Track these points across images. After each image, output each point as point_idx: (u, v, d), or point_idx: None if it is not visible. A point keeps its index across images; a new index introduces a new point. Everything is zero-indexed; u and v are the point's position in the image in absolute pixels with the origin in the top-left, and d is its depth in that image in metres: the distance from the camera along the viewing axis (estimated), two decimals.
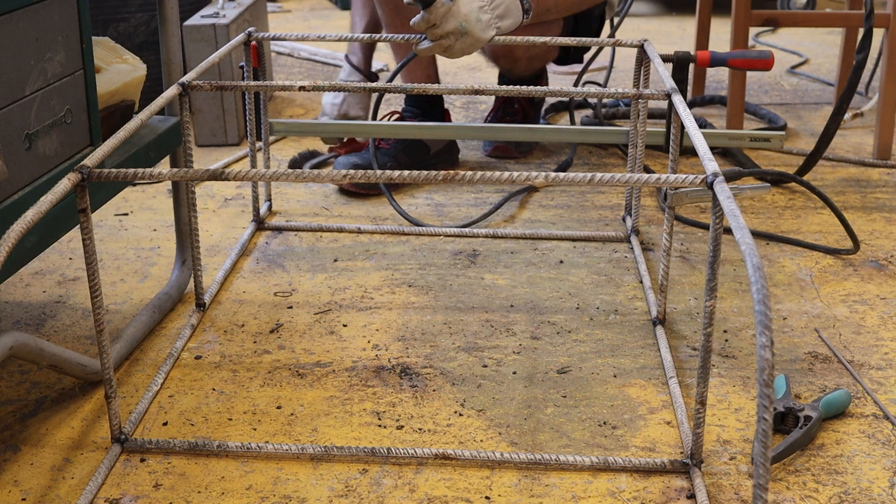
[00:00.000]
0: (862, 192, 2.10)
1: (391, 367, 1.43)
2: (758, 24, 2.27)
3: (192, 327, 1.52)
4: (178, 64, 1.57)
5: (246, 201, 2.05)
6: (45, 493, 1.16)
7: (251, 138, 1.86)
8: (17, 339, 1.16)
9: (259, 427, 1.29)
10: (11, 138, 1.16)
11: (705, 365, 1.14)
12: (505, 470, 1.20)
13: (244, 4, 2.50)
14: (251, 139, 1.86)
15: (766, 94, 2.87)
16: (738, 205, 1.00)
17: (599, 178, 1.09)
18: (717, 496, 1.15)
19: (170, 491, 1.16)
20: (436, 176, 1.09)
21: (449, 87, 1.54)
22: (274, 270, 1.74)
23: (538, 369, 1.42)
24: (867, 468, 1.20)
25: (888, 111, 2.26)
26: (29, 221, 0.98)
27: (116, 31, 2.42)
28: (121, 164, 1.39)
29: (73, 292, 1.66)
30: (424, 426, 1.29)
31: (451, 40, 1.74)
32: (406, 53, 2.02)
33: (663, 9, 4.20)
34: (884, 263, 1.76)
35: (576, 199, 2.06)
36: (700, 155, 1.18)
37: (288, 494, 1.15)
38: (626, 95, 1.56)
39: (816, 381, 1.39)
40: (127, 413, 1.31)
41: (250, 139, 1.86)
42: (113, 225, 1.95)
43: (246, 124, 1.87)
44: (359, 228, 1.91)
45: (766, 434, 0.77)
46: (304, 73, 3.17)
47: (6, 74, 1.14)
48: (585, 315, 1.58)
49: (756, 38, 3.56)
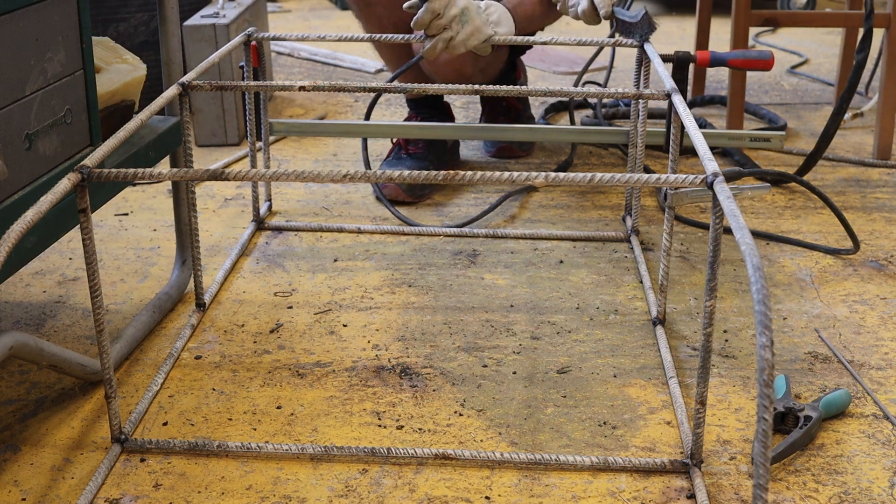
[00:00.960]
0: (862, 192, 2.10)
1: (391, 367, 1.43)
2: (758, 24, 2.27)
3: (192, 327, 1.52)
4: (178, 64, 1.57)
5: (246, 201, 2.05)
6: (45, 493, 1.16)
7: (251, 138, 1.86)
8: (17, 339, 1.16)
9: (259, 427, 1.29)
10: (11, 138, 1.16)
11: (705, 365, 1.14)
12: (505, 470, 1.20)
13: (244, 4, 2.50)
14: (251, 139, 1.86)
15: (766, 94, 2.87)
16: (738, 205, 1.00)
17: (599, 178, 1.09)
18: (717, 496, 1.15)
19: (170, 491, 1.16)
20: (436, 176, 1.09)
21: (449, 86, 1.54)
22: (274, 270, 1.74)
23: (538, 369, 1.42)
24: (867, 468, 1.20)
25: (888, 111, 2.26)
26: (29, 221, 0.98)
27: (116, 31, 2.42)
28: (121, 164, 1.39)
29: (73, 292, 1.66)
30: (424, 426, 1.29)
31: (454, 30, 1.75)
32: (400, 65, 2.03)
33: (663, 9, 4.20)
34: (884, 263, 1.76)
35: (576, 199, 2.06)
36: (700, 155, 1.18)
37: (288, 494, 1.15)
38: (626, 95, 1.55)
39: (816, 381, 1.39)
40: (127, 413, 1.31)
41: (250, 139, 1.86)
42: (113, 225, 1.95)
43: (246, 124, 1.87)
44: (359, 228, 1.91)
45: (766, 434, 0.77)
46: (304, 73, 3.17)
47: (6, 74, 1.14)
48: (585, 315, 1.58)
49: (756, 38, 3.56)
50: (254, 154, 1.86)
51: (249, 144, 1.86)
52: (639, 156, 1.78)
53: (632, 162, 1.82)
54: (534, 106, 2.73)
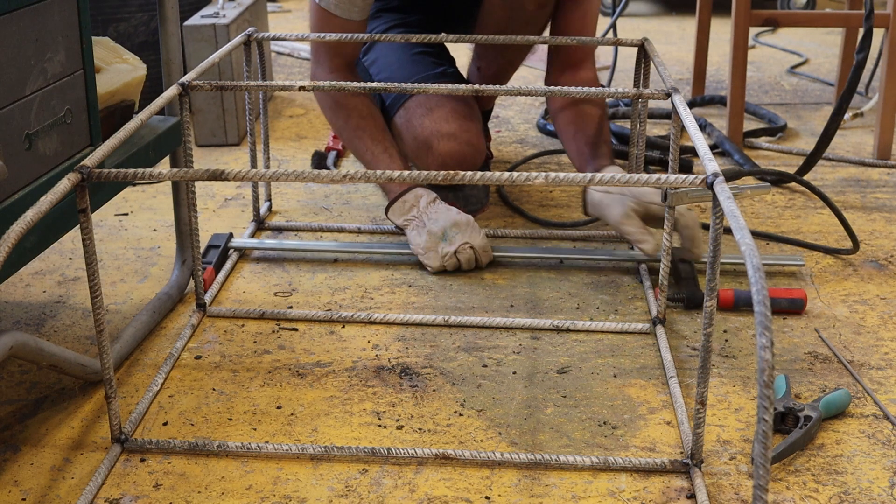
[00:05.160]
0: (862, 192, 2.10)
1: (391, 367, 1.43)
2: (758, 24, 2.28)
3: (193, 327, 1.52)
4: (178, 64, 1.57)
5: (246, 201, 2.05)
6: (45, 493, 1.16)
7: (251, 138, 1.86)
8: (17, 339, 1.16)
9: (259, 427, 1.29)
10: (11, 138, 1.16)
11: (705, 365, 1.14)
12: (505, 470, 1.20)
13: (244, 4, 2.50)
14: (251, 139, 1.86)
15: (766, 94, 2.87)
16: (738, 205, 1.00)
17: (600, 178, 1.09)
18: (717, 496, 1.15)
19: (170, 491, 1.16)
20: (436, 176, 1.09)
21: (449, 86, 1.54)
22: (274, 270, 1.74)
23: (538, 369, 1.42)
24: (867, 468, 1.20)
25: (888, 111, 2.26)
26: (29, 221, 0.98)
27: (116, 31, 2.42)
28: (121, 164, 1.39)
29: (73, 292, 1.66)
30: (424, 426, 1.29)
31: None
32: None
33: (663, 9, 4.20)
34: (884, 263, 1.76)
35: (576, 199, 2.06)
36: (700, 155, 1.18)
37: (288, 494, 1.15)
38: (626, 95, 1.55)
39: (816, 381, 1.39)
40: (127, 413, 1.31)
41: (251, 139, 1.86)
42: (113, 225, 1.95)
43: (247, 124, 1.86)
44: (359, 228, 1.91)
45: (766, 434, 0.77)
46: (304, 73, 3.17)
47: (6, 74, 1.14)
48: (585, 315, 1.58)
49: (756, 38, 3.56)
50: (254, 154, 1.86)
51: (249, 144, 1.86)
52: (639, 156, 1.78)
53: (632, 162, 1.82)
54: (534, 106, 2.73)
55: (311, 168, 2.24)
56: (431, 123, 1.86)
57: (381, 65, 1.99)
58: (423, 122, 1.87)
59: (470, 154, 1.87)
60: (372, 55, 2.01)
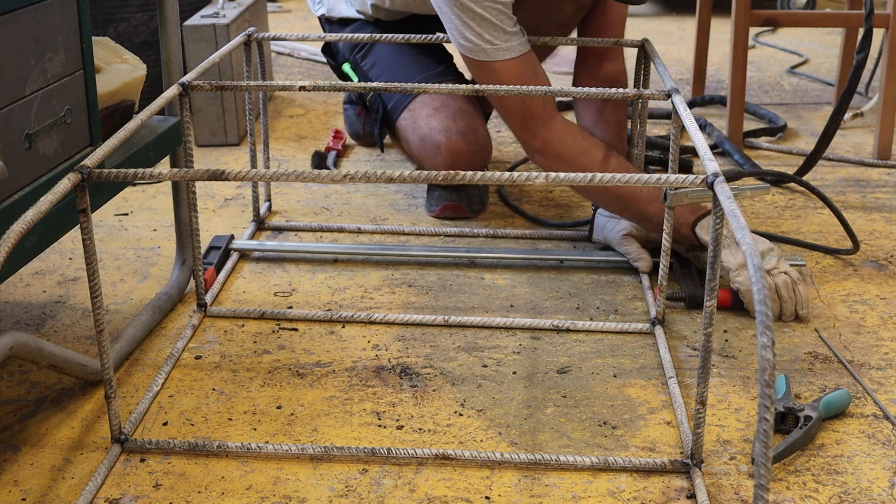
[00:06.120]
0: (862, 192, 2.10)
1: (391, 367, 1.43)
2: (758, 24, 2.28)
3: (193, 327, 1.52)
4: (178, 64, 1.57)
5: (246, 201, 2.05)
6: (45, 493, 1.16)
7: (251, 138, 1.86)
8: (17, 339, 1.16)
9: (259, 427, 1.29)
10: (11, 138, 1.16)
11: (705, 365, 1.14)
12: (505, 470, 1.20)
13: (244, 4, 2.50)
14: (251, 139, 1.86)
15: (766, 94, 2.87)
16: (738, 205, 1.00)
17: (600, 178, 1.09)
18: (718, 496, 1.15)
19: (170, 491, 1.16)
20: (436, 176, 1.09)
21: (451, 86, 1.54)
22: (274, 270, 1.74)
23: (538, 369, 1.42)
24: (867, 468, 1.20)
25: (888, 111, 2.26)
26: (29, 221, 0.98)
27: (116, 31, 2.42)
28: (121, 164, 1.39)
29: (73, 292, 1.66)
30: (424, 426, 1.29)
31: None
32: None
33: (663, 9, 4.20)
34: (884, 263, 1.76)
35: (576, 199, 2.06)
36: (700, 155, 1.18)
37: (288, 494, 1.15)
38: (626, 95, 1.55)
39: (816, 381, 1.39)
40: (127, 413, 1.31)
41: (251, 139, 1.86)
42: (113, 225, 1.95)
43: (247, 124, 1.86)
44: (359, 228, 1.91)
45: (767, 434, 0.77)
46: (304, 73, 3.17)
47: (6, 74, 1.14)
48: (585, 315, 1.58)
49: (756, 38, 3.56)
50: (254, 154, 1.86)
51: (250, 144, 1.86)
52: (639, 156, 1.78)
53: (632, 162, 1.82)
54: None
55: (311, 168, 2.24)
56: (439, 123, 1.87)
57: (380, 68, 1.99)
58: (430, 122, 1.87)
59: (478, 153, 1.88)
60: (371, 59, 2.01)
